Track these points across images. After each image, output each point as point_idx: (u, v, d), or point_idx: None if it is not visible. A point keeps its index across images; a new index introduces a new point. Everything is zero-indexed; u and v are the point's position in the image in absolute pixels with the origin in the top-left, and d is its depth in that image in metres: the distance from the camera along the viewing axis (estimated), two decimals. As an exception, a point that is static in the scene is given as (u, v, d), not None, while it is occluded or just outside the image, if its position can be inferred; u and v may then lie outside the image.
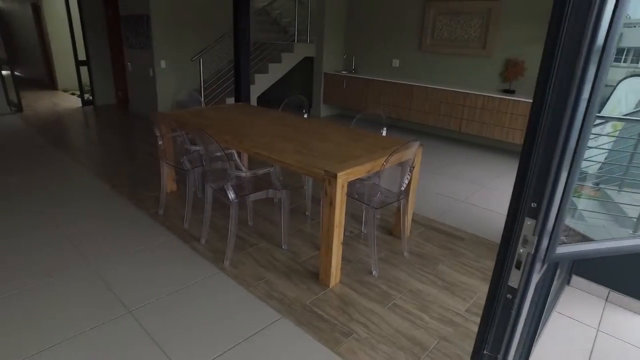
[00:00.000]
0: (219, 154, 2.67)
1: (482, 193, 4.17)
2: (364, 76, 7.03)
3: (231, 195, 2.55)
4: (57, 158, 4.75)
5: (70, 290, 2.38)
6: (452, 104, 5.96)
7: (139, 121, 6.79)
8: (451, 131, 6.38)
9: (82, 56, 7.79)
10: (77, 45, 7.69)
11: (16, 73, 12.88)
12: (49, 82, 10.75)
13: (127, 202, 3.57)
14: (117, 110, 7.67)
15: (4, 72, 6.89)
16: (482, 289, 2.56)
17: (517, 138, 5.37)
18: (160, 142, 3.23)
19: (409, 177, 2.70)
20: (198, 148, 2.99)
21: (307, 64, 7.92)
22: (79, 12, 7.50)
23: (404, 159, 2.63)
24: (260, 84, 6.80)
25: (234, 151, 2.93)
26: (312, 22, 7.40)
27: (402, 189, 2.71)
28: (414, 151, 2.62)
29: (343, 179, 2.29)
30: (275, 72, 6.94)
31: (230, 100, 6.45)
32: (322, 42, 7.39)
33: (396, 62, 7.05)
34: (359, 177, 2.46)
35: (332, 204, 2.32)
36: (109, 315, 2.18)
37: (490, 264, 2.86)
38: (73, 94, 9.55)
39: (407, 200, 2.85)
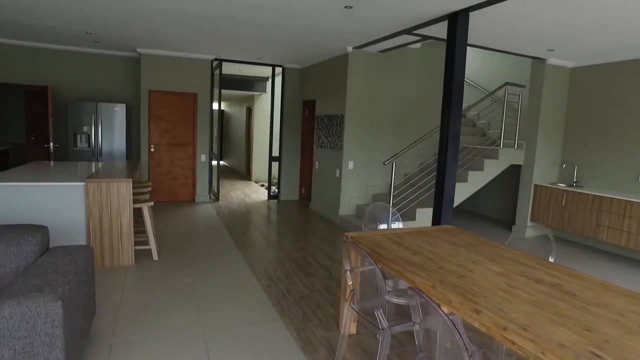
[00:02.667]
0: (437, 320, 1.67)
1: None
2: (593, 192, 5.36)
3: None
4: (234, 260, 4.47)
5: None
6: None
7: (318, 223, 6.43)
8: None
9: (275, 152, 8.19)
10: (272, 143, 8.14)
11: (223, 162, 14.98)
12: (245, 173, 11.88)
13: (294, 341, 2.80)
14: (299, 207, 7.59)
15: (213, 163, 7.60)
16: None
17: None
18: (349, 282, 2.41)
19: None
20: (401, 302, 2.06)
21: (512, 172, 6.64)
22: (280, 113, 8.02)
23: None
24: (458, 194, 5.77)
25: (458, 318, 1.88)
26: (521, 125, 6.26)
27: None
28: None
29: None
30: (475, 181, 5.87)
31: (423, 212, 5.56)
32: (533, 148, 6.11)
33: (645, 177, 5.23)
34: None
35: None
36: None
37: None
38: (262, 185, 10.18)
39: None
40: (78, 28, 5.53)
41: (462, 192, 5.82)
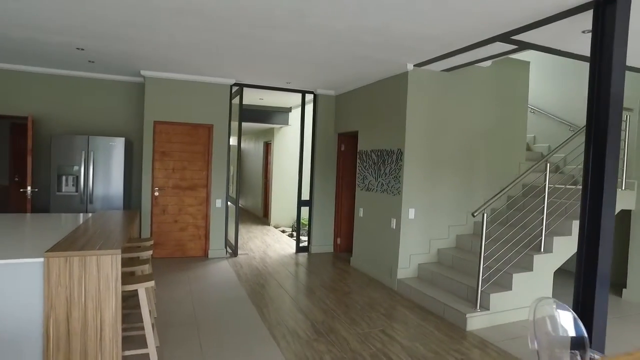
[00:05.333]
0: None
1: None
2: None
3: None
4: (260, 355, 2.99)
5: None
6: None
7: (370, 288, 4.93)
8: None
9: (304, 195, 6.80)
10: (302, 184, 6.77)
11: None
12: (263, 217, 10.48)
13: None
14: (336, 263, 6.11)
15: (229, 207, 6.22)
16: None
17: None
18: None
19: None
20: None
21: (622, 219, 5.18)
22: (311, 149, 6.71)
23: None
24: (563, 250, 4.32)
25: None
26: (630, 159, 4.87)
27: None
28: None
29: None
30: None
31: (521, 279, 4.08)
32: (651, 189, 4.69)
33: None
34: None
35: None
36: None
37: None
38: (284, 231, 8.75)
39: None
40: (66, 41, 4.31)
41: (567, 248, 4.35)
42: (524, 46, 3.82)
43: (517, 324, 3.95)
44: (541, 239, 4.25)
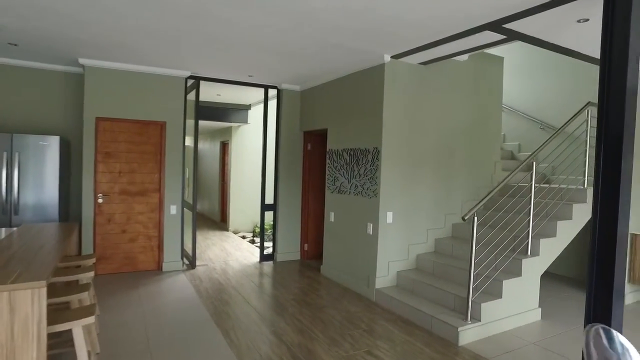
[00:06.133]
0: None
1: None
2: None
3: None
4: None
5: None
6: None
7: (346, 300, 4.51)
8: None
9: (268, 199, 6.28)
10: (265, 186, 6.24)
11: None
12: (220, 221, 9.80)
13: None
14: (305, 272, 5.64)
15: (186, 212, 5.57)
16: None
17: None
18: None
19: None
20: None
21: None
22: (275, 148, 6.20)
23: None
24: (548, 254, 4.11)
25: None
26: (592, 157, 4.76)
27: None
28: None
29: None
30: (565, 234, 4.22)
31: (512, 285, 3.82)
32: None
33: None
34: None
35: None
36: None
37: None
38: (244, 237, 8.17)
39: None
40: (-20, 19, 3.55)
41: (553, 250, 4.15)
42: (513, 36, 3.54)
43: (507, 333, 3.67)
44: (528, 242, 4.02)
